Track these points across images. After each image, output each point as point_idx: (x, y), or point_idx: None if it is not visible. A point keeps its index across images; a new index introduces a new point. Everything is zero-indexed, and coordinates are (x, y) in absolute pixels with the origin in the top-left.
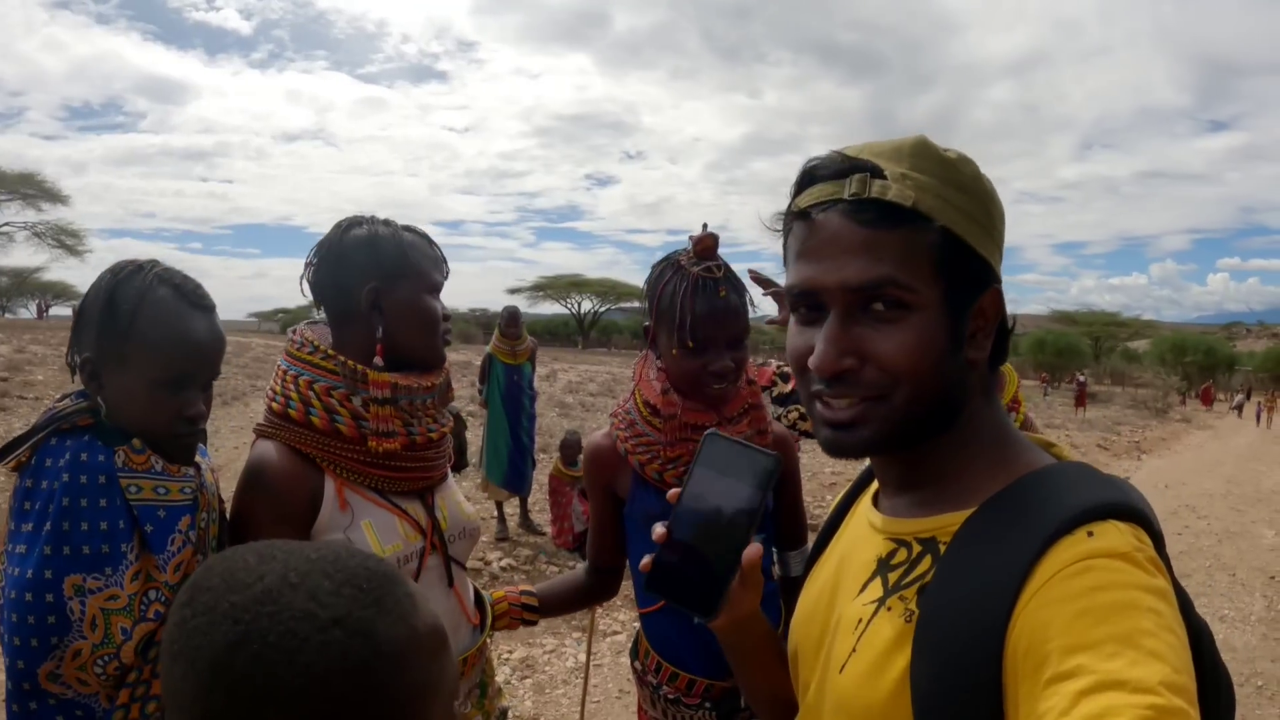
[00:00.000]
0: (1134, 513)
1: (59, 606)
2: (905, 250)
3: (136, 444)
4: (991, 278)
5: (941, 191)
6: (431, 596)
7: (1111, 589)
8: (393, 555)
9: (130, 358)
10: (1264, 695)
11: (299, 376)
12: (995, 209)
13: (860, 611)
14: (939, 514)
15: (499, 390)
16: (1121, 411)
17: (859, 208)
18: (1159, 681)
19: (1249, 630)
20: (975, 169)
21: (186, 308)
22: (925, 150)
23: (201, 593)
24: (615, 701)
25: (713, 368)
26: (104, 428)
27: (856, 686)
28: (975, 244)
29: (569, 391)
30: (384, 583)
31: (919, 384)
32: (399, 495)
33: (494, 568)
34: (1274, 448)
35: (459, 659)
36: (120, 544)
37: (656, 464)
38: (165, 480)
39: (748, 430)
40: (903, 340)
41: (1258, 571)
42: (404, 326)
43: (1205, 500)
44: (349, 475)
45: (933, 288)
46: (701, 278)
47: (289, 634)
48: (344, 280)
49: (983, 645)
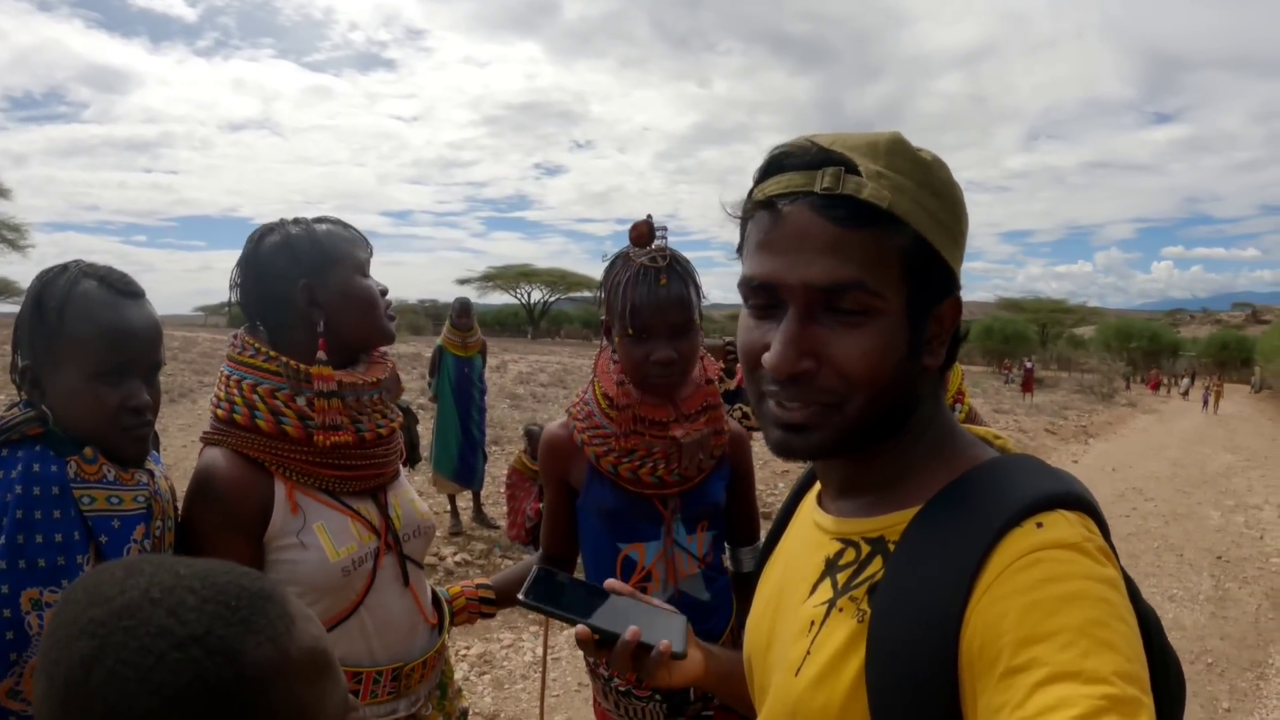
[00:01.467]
0: (1081, 502)
1: (16, 621)
2: (875, 253)
3: (88, 453)
4: (954, 285)
5: (916, 194)
6: (388, 598)
7: (1063, 580)
8: (347, 557)
9: (64, 356)
10: (1214, 672)
11: (242, 380)
12: (963, 215)
13: (812, 614)
14: (886, 513)
15: (449, 383)
16: (1068, 396)
17: (830, 203)
18: (1112, 671)
19: (1197, 609)
20: (949, 173)
21: (114, 296)
22: (901, 149)
23: (66, 605)
24: (575, 695)
25: (655, 357)
26: (54, 436)
27: (813, 689)
28: (943, 250)
29: (520, 382)
30: (256, 601)
31: (875, 391)
32: (350, 496)
33: (448, 563)
34: (1218, 431)
35: (418, 661)
36: (76, 556)
37: (611, 456)
38: (118, 490)
39: (705, 429)
40: (862, 346)
41: (1204, 552)
42: (345, 313)
43: (1152, 483)
44: (299, 478)
45: (898, 293)
46: (644, 267)
47: (144, 650)
48: (272, 288)
49: (937, 642)
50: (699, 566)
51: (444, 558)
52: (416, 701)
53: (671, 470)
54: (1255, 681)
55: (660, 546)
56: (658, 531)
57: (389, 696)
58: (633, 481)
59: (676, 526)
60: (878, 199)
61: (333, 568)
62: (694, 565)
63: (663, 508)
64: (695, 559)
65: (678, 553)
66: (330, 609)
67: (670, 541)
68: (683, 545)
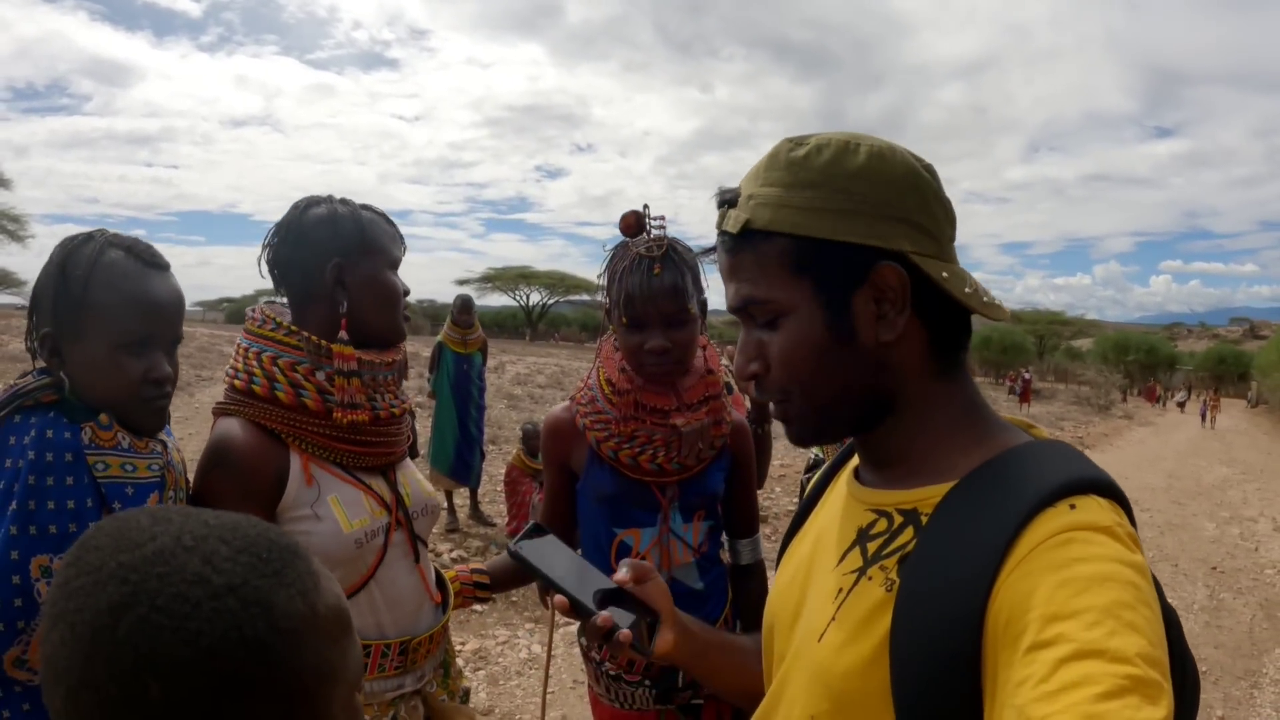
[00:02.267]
0: (1112, 489)
1: (25, 589)
2: (757, 266)
3: (103, 420)
4: (878, 256)
5: (783, 198)
6: (397, 573)
7: (1092, 561)
8: (360, 529)
9: (88, 325)
10: (1208, 680)
11: (262, 353)
12: (870, 184)
13: (840, 581)
14: (921, 486)
15: (448, 379)
16: (1065, 408)
17: (722, 239)
18: (1136, 653)
19: (1192, 618)
20: (832, 154)
21: (140, 268)
22: (775, 159)
23: (88, 552)
24: (570, 691)
25: (648, 346)
26: (69, 404)
27: (835, 654)
28: (830, 234)
29: (517, 383)
30: (286, 555)
31: (810, 380)
32: (363, 471)
33: (445, 559)
34: (1213, 444)
35: (424, 636)
36: (88, 523)
37: (612, 442)
38: (133, 457)
39: (706, 419)
40: (781, 345)
41: (1199, 562)
42: (368, 302)
43: (1147, 494)
44: (315, 450)
45: (795, 289)
46: (640, 256)
47: (179, 598)
48: (305, 258)
49: (964, 614)
50: (693, 556)
51: (440, 554)
52: (422, 677)
53: (671, 459)
54: (1249, 690)
55: (656, 533)
56: (654, 518)
57: (396, 671)
58: (632, 468)
59: (673, 515)
60: (735, 225)
61: (346, 539)
62: (688, 554)
63: (661, 495)
64: (690, 548)
65: (672, 541)
66: (342, 581)
67: (666, 529)
68: (678, 534)
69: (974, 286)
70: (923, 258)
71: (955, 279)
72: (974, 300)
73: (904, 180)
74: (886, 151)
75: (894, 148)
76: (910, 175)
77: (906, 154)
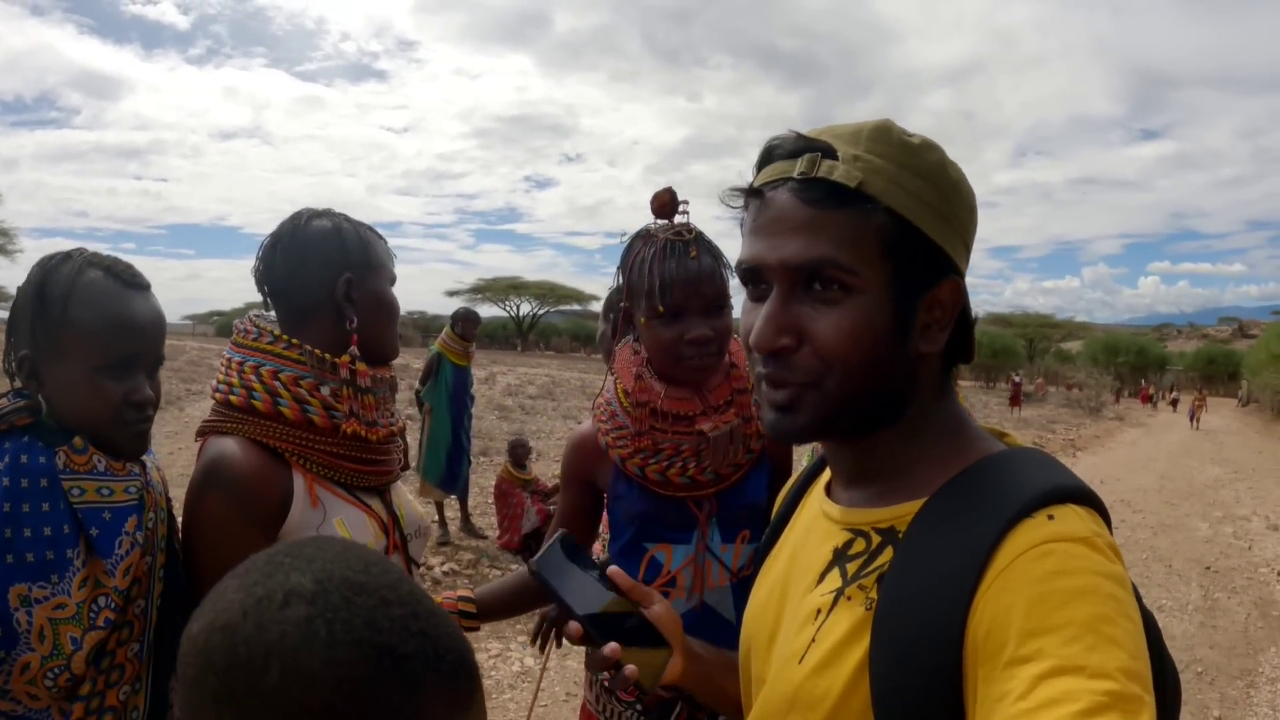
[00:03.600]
0: (1089, 497)
1: (4, 618)
2: (849, 231)
3: (78, 443)
4: (949, 269)
5: (895, 175)
6: None
7: (1072, 574)
8: None
9: (68, 346)
10: (1204, 680)
11: (260, 366)
12: (959, 199)
13: (818, 602)
14: (898, 504)
15: (446, 390)
16: (1056, 410)
17: (805, 186)
18: (1117, 667)
19: (1186, 619)
20: (940, 156)
21: (120, 288)
22: (885, 134)
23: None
24: (563, 705)
25: (689, 335)
26: (44, 427)
27: (814, 676)
28: (929, 231)
29: (508, 394)
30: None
31: (852, 369)
32: (363, 491)
33: (436, 572)
34: (1204, 444)
35: None
36: (66, 549)
37: (638, 458)
38: (109, 480)
39: (735, 419)
40: (839, 322)
41: (1193, 563)
42: (373, 318)
43: (1140, 495)
44: (318, 470)
45: (877, 271)
46: (671, 241)
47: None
48: (309, 272)
49: (944, 630)
50: (729, 580)
51: (432, 567)
52: None
53: (704, 469)
54: (1245, 689)
55: (690, 551)
56: (690, 536)
57: None
58: (661, 484)
59: (712, 531)
60: (848, 179)
61: None
62: (725, 577)
63: (697, 510)
64: (728, 571)
65: (709, 561)
66: None
67: (703, 547)
68: (716, 554)
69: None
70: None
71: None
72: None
73: (971, 201)
74: (961, 170)
75: (960, 168)
76: (972, 199)
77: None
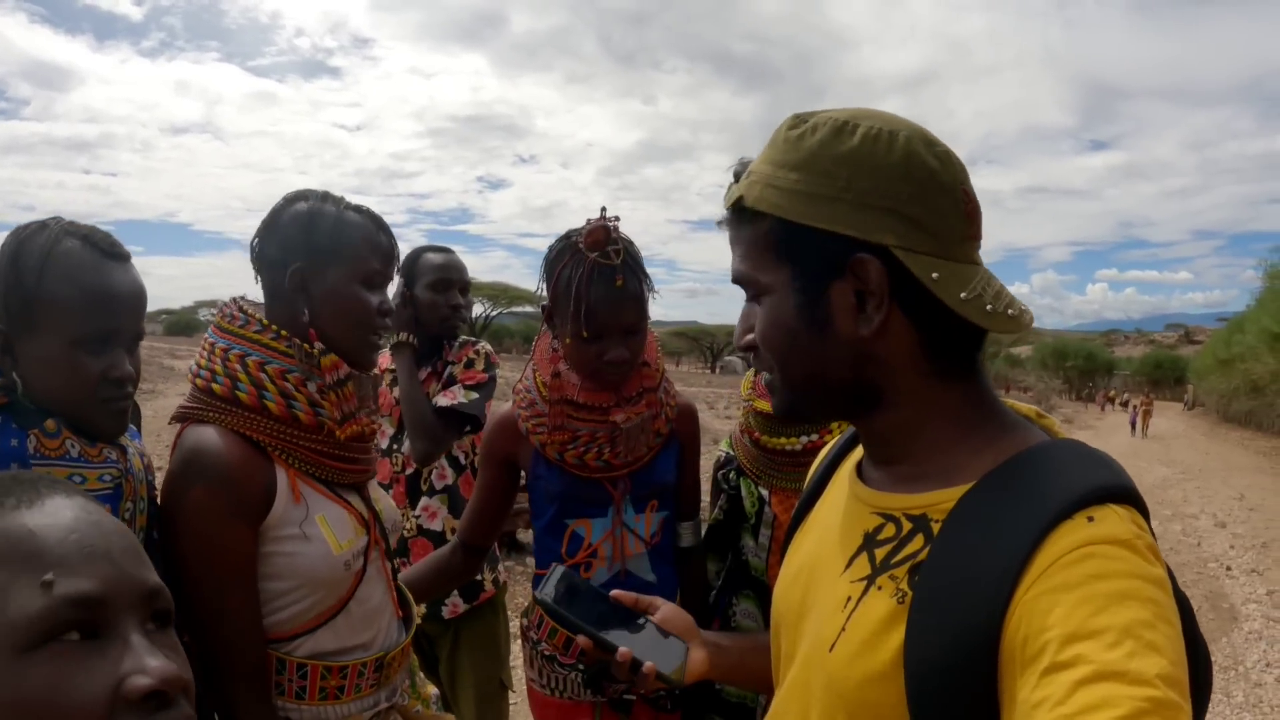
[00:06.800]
0: (1130, 495)
1: None
2: (751, 245)
3: (50, 426)
4: (852, 248)
5: (771, 178)
6: (372, 591)
7: (1112, 578)
8: (349, 551)
9: (43, 320)
10: None
11: (245, 356)
12: (867, 171)
13: (848, 589)
14: (928, 490)
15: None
16: None
17: (731, 212)
18: (1156, 674)
19: None
20: (826, 135)
21: (99, 258)
22: (775, 136)
23: None
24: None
25: (607, 357)
26: (19, 407)
27: (848, 666)
28: (812, 221)
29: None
30: None
31: (782, 359)
32: (343, 488)
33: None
34: (1153, 445)
35: (397, 650)
36: None
37: (556, 445)
38: (82, 467)
39: (645, 411)
40: (759, 323)
41: None
42: (328, 316)
43: None
44: (300, 465)
45: (776, 273)
46: (598, 264)
47: None
48: (275, 255)
49: (980, 630)
50: (645, 547)
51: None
52: (394, 692)
53: (617, 454)
54: None
55: (608, 525)
56: (607, 510)
57: (371, 689)
58: (579, 467)
59: (625, 506)
60: (729, 199)
61: (336, 560)
62: (640, 545)
63: (612, 489)
64: (642, 540)
65: (625, 532)
66: (323, 602)
67: (619, 520)
68: (630, 525)
69: (980, 291)
70: (911, 254)
71: (952, 280)
72: (970, 307)
73: (896, 168)
74: (885, 135)
75: (897, 131)
76: (907, 162)
77: (913, 139)
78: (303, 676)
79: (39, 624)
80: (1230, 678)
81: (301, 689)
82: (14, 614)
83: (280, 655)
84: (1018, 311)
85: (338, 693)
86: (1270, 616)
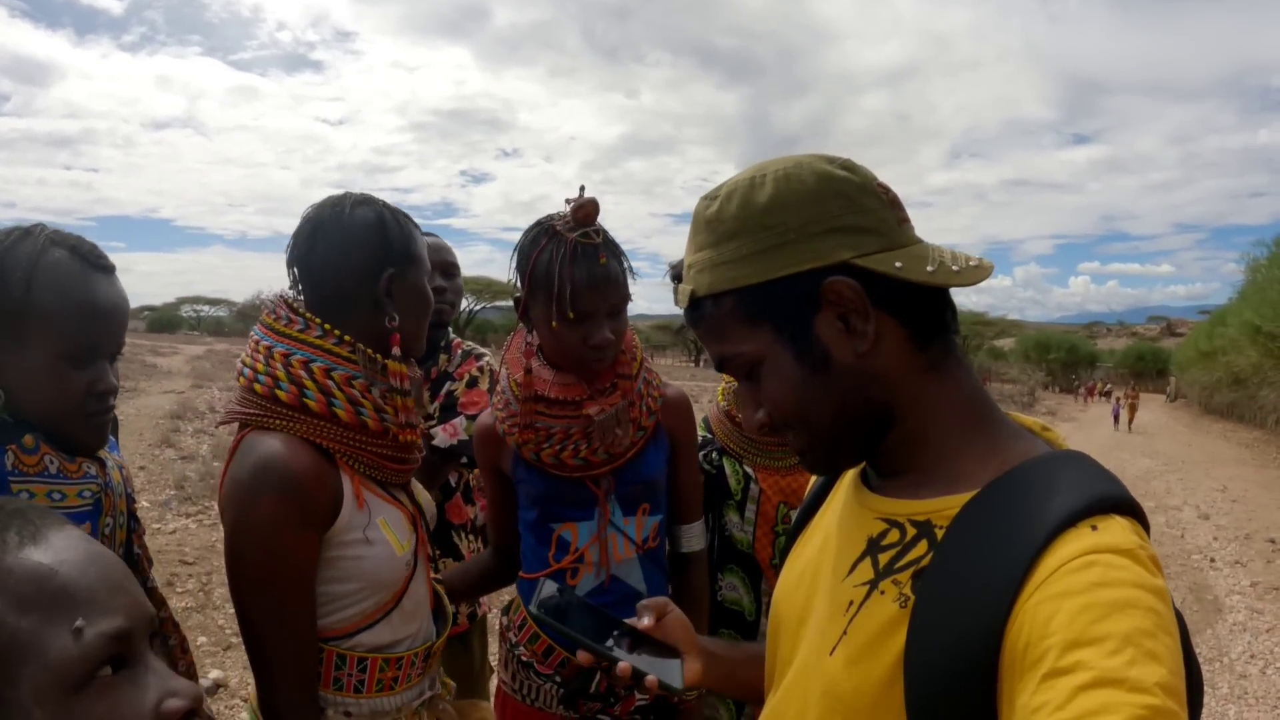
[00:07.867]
0: (1132, 507)
1: None
2: (719, 326)
3: (28, 442)
4: (818, 279)
5: (712, 259)
6: (418, 585)
7: (1114, 586)
8: (409, 551)
9: (28, 331)
10: None
11: (310, 362)
12: (786, 212)
13: (851, 594)
14: (933, 496)
15: None
16: None
17: (687, 311)
18: (1155, 682)
19: None
20: (742, 197)
21: (86, 270)
22: (696, 223)
23: None
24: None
25: (592, 340)
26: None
27: (847, 670)
28: (769, 274)
29: None
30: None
31: (804, 416)
32: (394, 487)
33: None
34: (1135, 438)
35: (439, 640)
36: None
37: (531, 444)
38: (61, 484)
39: (620, 401)
40: (768, 393)
41: None
42: (410, 315)
43: None
44: (363, 470)
45: (756, 338)
46: (580, 244)
47: None
48: (352, 263)
49: (982, 636)
50: (635, 551)
51: None
52: (434, 682)
53: (594, 449)
54: None
55: (594, 528)
56: (592, 513)
57: (419, 678)
58: (557, 466)
59: (612, 507)
60: (684, 299)
61: (399, 562)
62: (630, 549)
63: (595, 487)
64: (632, 543)
65: (612, 535)
66: (380, 601)
67: (605, 523)
68: (619, 527)
69: (939, 260)
70: (868, 256)
71: (912, 262)
72: (940, 275)
73: (818, 191)
74: (793, 170)
75: (800, 163)
76: (823, 183)
77: (815, 163)
78: (362, 670)
79: (83, 664)
80: (1215, 669)
81: (360, 682)
82: (56, 656)
83: (341, 651)
84: (977, 262)
85: (392, 683)
86: (1254, 608)
